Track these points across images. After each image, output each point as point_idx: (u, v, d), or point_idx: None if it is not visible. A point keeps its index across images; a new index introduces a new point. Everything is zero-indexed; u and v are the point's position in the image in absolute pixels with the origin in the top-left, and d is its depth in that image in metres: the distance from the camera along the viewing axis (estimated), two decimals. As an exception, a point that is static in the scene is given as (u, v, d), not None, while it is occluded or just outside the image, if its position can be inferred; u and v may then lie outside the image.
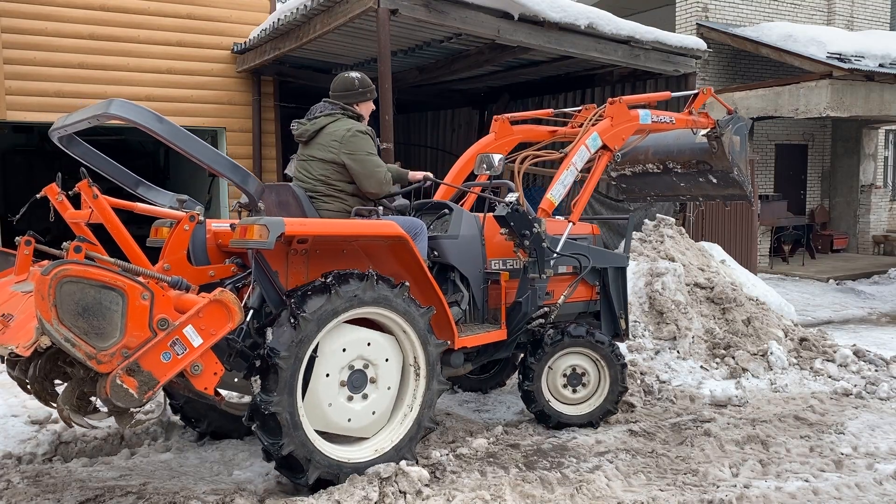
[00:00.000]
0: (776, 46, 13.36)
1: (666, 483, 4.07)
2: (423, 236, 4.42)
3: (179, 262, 3.95)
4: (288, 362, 3.52)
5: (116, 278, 3.05)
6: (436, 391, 4.12)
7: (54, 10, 10.13)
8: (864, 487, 4.03)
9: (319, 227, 3.89)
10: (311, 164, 4.35)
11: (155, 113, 3.55)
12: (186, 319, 3.16)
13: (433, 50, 10.22)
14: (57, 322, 2.89)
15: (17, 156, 15.71)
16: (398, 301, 3.90)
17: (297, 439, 3.58)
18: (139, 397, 3.05)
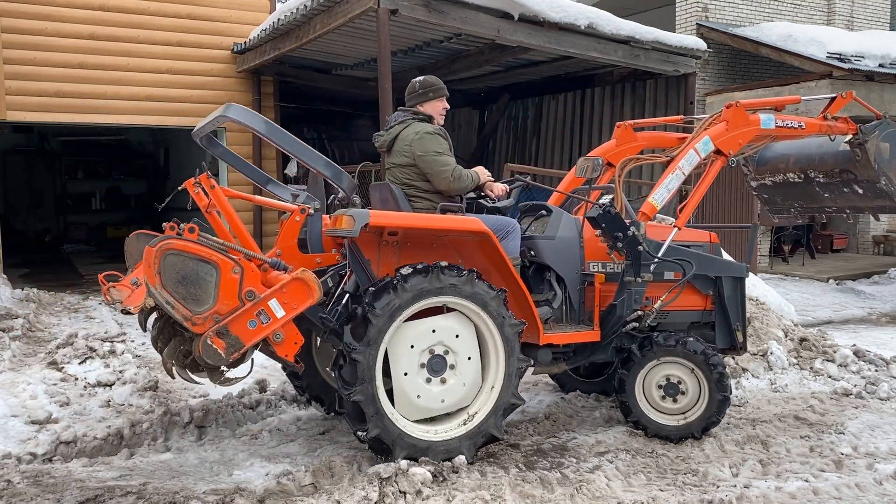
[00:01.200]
0: (776, 46, 13.36)
1: (666, 483, 4.07)
2: (515, 234, 4.52)
3: (290, 249, 4.43)
4: (364, 354, 3.83)
5: (212, 253, 3.54)
6: (516, 369, 4.22)
7: (54, 10, 10.13)
8: (864, 487, 4.03)
9: (402, 219, 4.15)
10: (394, 171, 4.62)
11: (262, 117, 4.09)
12: (271, 293, 3.59)
13: (433, 50, 10.22)
14: (160, 287, 3.41)
15: (17, 156, 15.72)
16: (466, 287, 4.04)
17: (381, 423, 3.89)
18: (226, 357, 3.51)
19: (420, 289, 3.93)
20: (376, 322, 3.84)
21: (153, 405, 5.19)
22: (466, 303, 4.08)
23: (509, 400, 4.23)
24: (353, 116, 15.44)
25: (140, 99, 10.69)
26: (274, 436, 4.82)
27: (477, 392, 4.24)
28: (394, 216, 4.16)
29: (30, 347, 6.86)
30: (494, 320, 4.15)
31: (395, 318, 3.91)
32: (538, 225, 4.94)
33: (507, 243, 4.41)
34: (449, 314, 4.17)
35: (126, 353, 6.34)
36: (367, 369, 3.84)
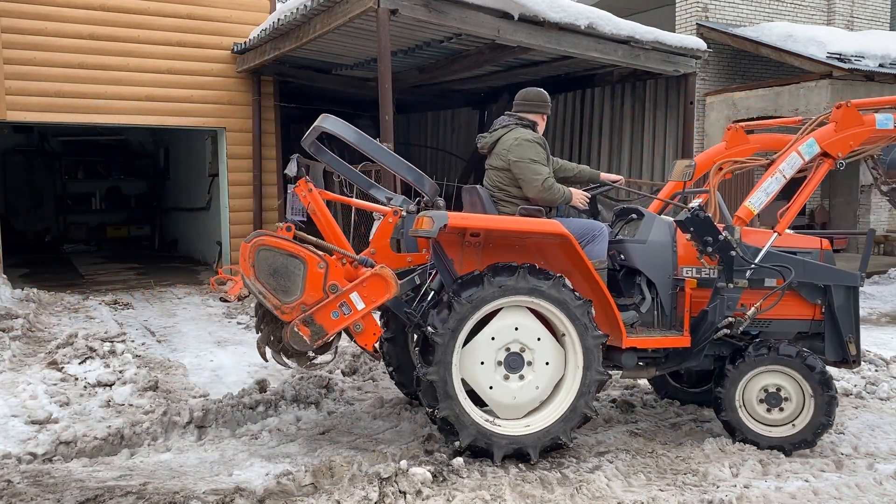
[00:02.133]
0: (776, 46, 13.36)
1: (666, 483, 4.07)
2: (602, 238, 4.53)
3: (384, 249, 4.67)
4: (444, 338, 4.01)
5: (300, 250, 3.88)
6: (594, 380, 4.23)
7: (54, 10, 10.13)
8: (864, 487, 4.03)
9: (480, 221, 4.28)
10: (490, 173, 4.73)
11: (353, 127, 4.39)
12: (352, 287, 3.92)
13: (433, 50, 10.22)
14: (254, 278, 3.79)
15: (17, 156, 15.72)
16: (551, 292, 4.11)
17: (452, 406, 4.05)
18: (311, 343, 3.88)
19: (505, 286, 4.06)
20: (459, 310, 4.02)
21: (153, 405, 5.19)
22: (551, 307, 4.15)
23: (582, 410, 4.25)
24: (353, 116, 15.41)
25: (140, 99, 10.69)
26: (274, 436, 4.82)
27: (550, 395, 4.28)
28: (472, 217, 4.31)
29: (30, 347, 6.86)
30: (577, 329, 4.18)
31: (478, 310, 4.06)
32: (630, 228, 4.89)
33: (594, 247, 4.45)
34: (532, 315, 4.22)
35: (126, 353, 6.34)
36: (446, 353, 4.02)
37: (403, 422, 5.08)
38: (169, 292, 10.37)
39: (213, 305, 9.43)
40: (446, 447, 4.27)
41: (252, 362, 6.68)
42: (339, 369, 6.09)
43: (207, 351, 7.07)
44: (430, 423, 5.00)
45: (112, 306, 9.11)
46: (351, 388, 5.76)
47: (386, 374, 6.12)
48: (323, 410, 5.28)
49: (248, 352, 7.08)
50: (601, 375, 4.26)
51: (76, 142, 16.05)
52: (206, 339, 7.58)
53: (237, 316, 8.70)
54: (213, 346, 7.27)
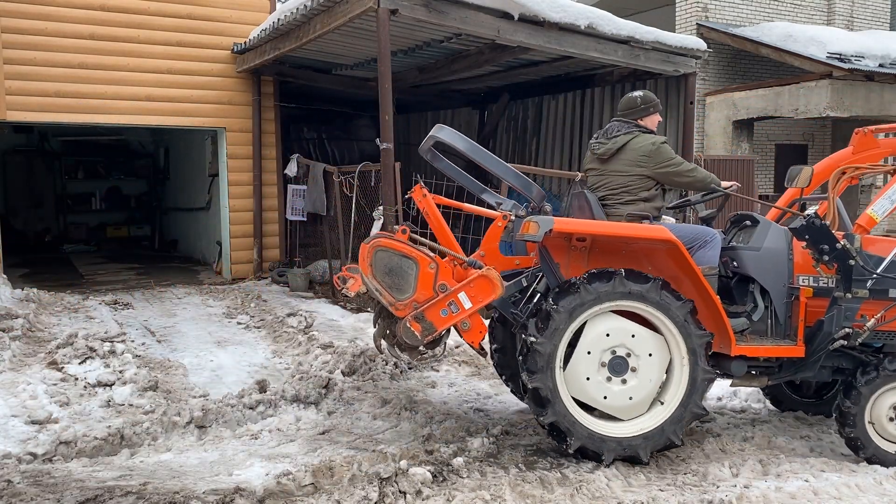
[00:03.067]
0: (776, 46, 13.37)
1: (666, 483, 4.08)
2: (713, 244, 4.52)
3: (493, 252, 4.77)
4: (545, 346, 4.10)
5: (413, 251, 4.11)
6: (701, 379, 4.24)
7: (54, 10, 10.12)
8: (864, 487, 4.03)
9: (585, 226, 4.35)
10: (613, 177, 4.72)
11: (465, 137, 4.56)
12: (460, 287, 4.12)
13: (433, 50, 10.21)
14: (371, 276, 4.05)
15: (17, 156, 15.71)
16: (651, 295, 4.15)
17: (559, 411, 4.12)
18: (421, 338, 4.10)
19: (602, 292, 4.12)
20: (557, 318, 4.10)
21: (153, 405, 5.19)
22: (652, 310, 4.19)
23: (692, 409, 4.26)
24: (353, 116, 15.43)
25: (140, 99, 10.69)
26: (274, 436, 4.82)
27: (657, 398, 4.31)
28: (577, 223, 4.38)
29: (30, 347, 6.85)
30: (680, 330, 4.20)
31: (576, 317, 4.13)
32: (743, 235, 4.83)
33: (705, 253, 4.45)
34: (619, 316, 4.24)
35: (126, 353, 6.34)
36: (547, 360, 4.10)
37: (403, 422, 5.08)
38: (169, 292, 10.38)
39: (213, 305, 9.44)
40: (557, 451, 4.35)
41: (252, 362, 6.68)
42: (339, 369, 6.08)
43: (207, 351, 7.07)
44: (429, 422, 5.01)
45: (112, 306, 9.11)
46: (351, 388, 5.76)
47: (386, 374, 6.13)
48: (323, 410, 5.28)
49: (248, 352, 7.08)
50: (708, 374, 4.27)
51: (76, 142, 16.04)
52: (206, 339, 7.58)
53: (237, 316, 8.70)
54: (213, 346, 7.27)
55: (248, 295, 9.87)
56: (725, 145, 14.44)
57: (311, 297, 9.94)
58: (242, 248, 11.68)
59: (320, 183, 10.22)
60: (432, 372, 6.40)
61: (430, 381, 6.10)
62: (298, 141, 14.79)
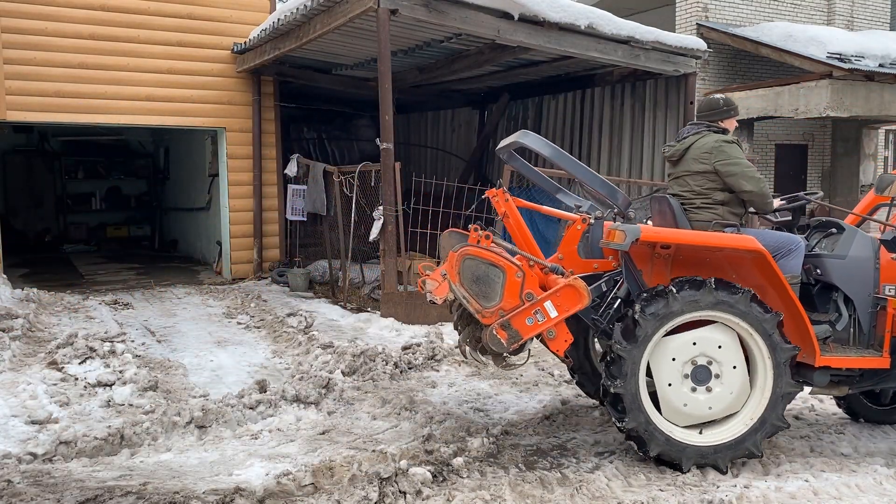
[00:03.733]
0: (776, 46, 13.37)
1: (666, 483, 4.08)
2: (798, 253, 4.46)
3: (571, 255, 4.77)
4: (630, 353, 4.10)
5: (500, 259, 4.11)
6: (784, 393, 4.24)
7: (54, 10, 10.12)
8: (864, 487, 4.03)
9: (673, 235, 4.33)
10: (685, 179, 4.68)
11: (550, 143, 4.51)
12: (547, 296, 4.10)
13: (433, 50, 10.21)
14: (459, 284, 4.07)
15: (17, 156, 15.70)
16: (741, 306, 4.14)
17: (639, 417, 4.12)
18: (507, 346, 4.09)
19: (691, 301, 4.12)
20: (645, 325, 4.10)
21: (153, 405, 5.19)
22: (738, 321, 4.17)
23: (773, 422, 4.25)
24: (353, 116, 15.43)
25: (140, 99, 10.69)
26: (274, 436, 4.82)
27: (739, 409, 4.28)
28: (665, 232, 4.36)
29: (30, 347, 6.85)
30: (766, 343, 4.18)
31: (664, 325, 4.13)
32: (827, 243, 4.76)
33: (788, 261, 4.41)
34: (716, 327, 4.23)
35: (126, 353, 6.34)
36: (632, 366, 4.11)
37: (403, 422, 5.08)
38: (169, 292, 10.37)
39: (213, 305, 9.44)
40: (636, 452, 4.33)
41: (252, 362, 6.68)
42: (339, 369, 6.08)
43: (207, 351, 7.07)
44: (429, 422, 5.01)
45: (112, 306, 9.11)
46: (351, 388, 5.76)
47: (386, 374, 6.13)
48: (323, 410, 5.28)
49: (248, 352, 7.08)
50: (792, 388, 4.26)
51: (76, 142, 16.04)
52: (206, 339, 7.58)
53: (237, 316, 8.70)
54: (213, 346, 7.27)
55: (248, 295, 9.87)
56: (725, 145, 14.41)
57: (311, 297, 9.94)
58: (242, 248, 11.68)
59: (320, 183, 10.22)
60: (432, 372, 6.40)
61: (430, 381, 6.10)
62: (298, 141, 14.79)
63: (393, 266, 8.30)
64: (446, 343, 7.09)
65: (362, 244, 9.51)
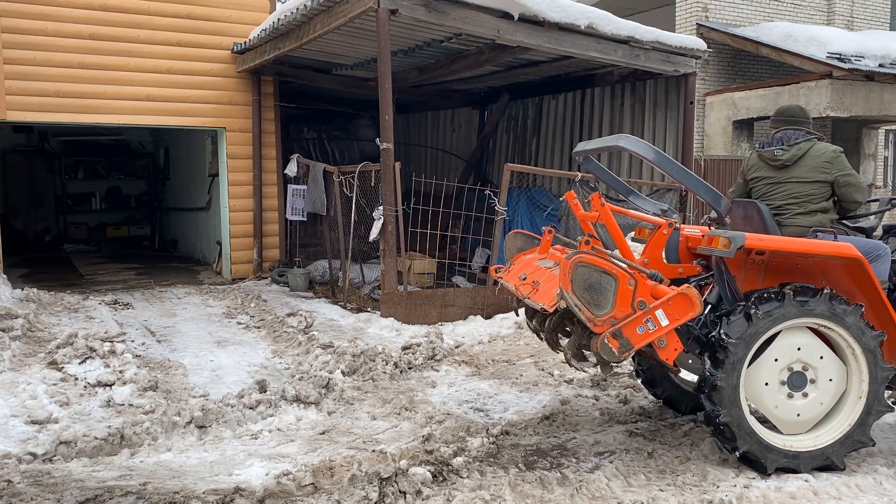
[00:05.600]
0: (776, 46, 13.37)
1: (666, 483, 4.08)
2: (885, 258, 4.51)
3: (656, 259, 4.75)
4: (738, 347, 4.09)
5: (613, 267, 4.03)
6: (875, 411, 4.27)
7: (54, 10, 10.12)
8: (864, 487, 4.03)
9: (777, 243, 4.31)
10: (792, 185, 4.71)
11: (653, 147, 4.38)
12: (659, 304, 4.02)
13: (433, 50, 10.22)
14: (571, 292, 3.97)
15: (17, 156, 15.71)
16: (850, 319, 4.17)
17: (734, 413, 4.12)
18: (619, 355, 4.01)
19: (773, 315, 4.13)
20: (734, 350, 4.10)
21: (153, 405, 5.19)
22: (823, 321, 4.19)
23: (858, 437, 4.27)
24: (353, 116, 15.43)
25: (140, 99, 10.69)
26: (274, 436, 4.82)
27: (839, 406, 4.31)
28: (770, 239, 4.34)
29: (30, 347, 6.86)
30: (852, 333, 4.20)
31: (752, 345, 4.14)
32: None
33: (878, 266, 4.43)
34: (813, 334, 4.25)
35: (126, 353, 6.34)
36: (731, 393, 4.11)
37: (403, 422, 5.08)
38: (169, 292, 10.38)
39: (213, 305, 9.44)
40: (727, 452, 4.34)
41: (252, 362, 6.68)
42: (339, 369, 6.09)
43: (207, 351, 7.07)
44: (429, 422, 5.00)
45: (112, 306, 9.11)
46: (351, 388, 5.76)
47: (386, 374, 6.13)
48: (323, 410, 5.28)
49: (248, 352, 7.09)
50: (882, 408, 4.28)
51: (76, 142, 16.05)
52: (206, 339, 7.59)
53: (237, 316, 8.70)
54: (213, 346, 7.27)
55: (248, 295, 9.87)
56: (725, 145, 14.44)
57: (311, 297, 9.95)
58: (242, 248, 11.68)
59: (320, 183, 10.22)
60: (432, 372, 6.41)
61: (430, 381, 6.10)
62: (298, 141, 14.79)
63: (393, 266, 8.30)
64: (446, 343, 7.09)
65: (362, 244, 9.51)
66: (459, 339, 7.39)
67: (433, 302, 8.31)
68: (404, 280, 8.48)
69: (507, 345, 7.40)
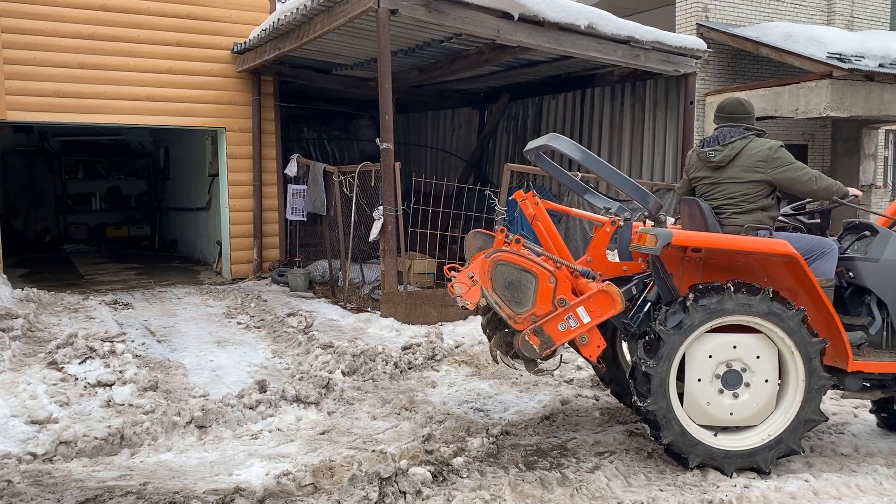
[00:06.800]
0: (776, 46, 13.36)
1: (666, 483, 4.08)
2: (831, 256, 4.41)
3: (600, 257, 4.74)
4: (671, 337, 4.09)
5: (532, 265, 4.11)
6: (818, 387, 4.19)
7: (54, 10, 10.12)
8: (864, 487, 4.03)
9: (705, 239, 4.27)
10: (728, 185, 4.57)
11: (579, 146, 4.44)
12: (579, 301, 4.10)
13: (433, 50, 10.22)
14: (491, 290, 4.06)
15: (17, 156, 15.71)
16: (791, 322, 4.12)
17: (661, 402, 4.12)
18: (540, 352, 4.09)
19: (711, 308, 4.09)
20: (668, 340, 4.09)
21: (153, 405, 5.19)
22: (762, 321, 4.14)
23: (809, 416, 4.22)
24: (353, 116, 15.43)
25: (140, 99, 10.69)
26: (274, 436, 4.82)
27: (773, 410, 4.26)
28: (696, 236, 4.30)
29: (30, 347, 6.85)
30: (792, 338, 4.15)
31: (687, 336, 4.11)
32: (860, 245, 4.68)
33: (822, 264, 4.37)
34: (751, 334, 4.20)
35: (126, 353, 6.34)
36: (660, 382, 4.11)
37: (403, 422, 5.08)
38: (169, 292, 10.38)
39: (213, 305, 9.44)
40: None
41: (252, 362, 6.68)
42: (339, 369, 6.08)
43: (207, 351, 7.07)
44: (429, 422, 5.00)
45: (112, 306, 9.11)
46: (351, 388, 5.76)
47: (386, 374, 6.13)
48: (323, 410, 5.28)
49: (248, 352, 7.08)
50: (824, 381, 4.21)
51: (76, 142, 16.04)
52: (206, 339, 7.58)
53: (237, 316, 8.70)
54: (213, 346, 7.27)
55: (248, 295, 9.87)
56: (725, 145, 14.42)
57: (311, 297, 9.94)
58: (242, 248, 11.68)
59: (320, 183, 10.21)
60: (432, 372, 6.40)
61: (430, 381, 6.10)
62: (298, 141, 14.79)
63: (393, 266, 8.30)
64: (446, 343, 7.08)
65: (362, 244, 9.51)
66: (459, 339, 7.39)
67: (433, 302, 8.31)
68: (404, 280, 8.48)
69: (507, 345, 7.40)
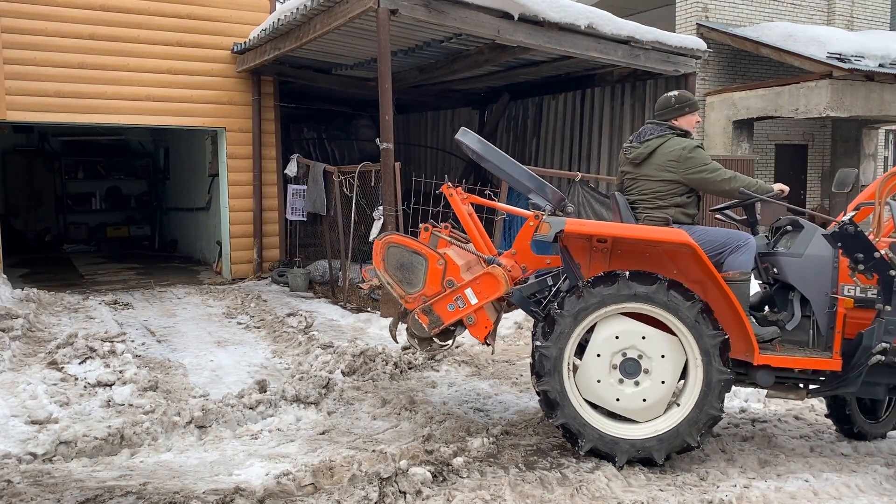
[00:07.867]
0: (776, 46, 13.37)
1: (666, 483, 4.08)
2: (746, 249, 4.37)
3: (524, 250, 4.87)
4: (564, 320, 4.17)
5: (422, 248, 4.35)
6: (716, 380, 4.15)
7: (54, 10, 10.12)
8: (864, 487, 4.03)
9: (596, 227, 4.41)
10: (643, 183, 4.62)
11: (478, 136, 4.66)
12: (466, 283, 4.32)
13: (433, 50, 10.22)
14: (384, 271, 4.35)
15: (17, 156, 15.71)
16: (658, 296, 4.13)
17: (553, 383, 4.21)
18: (429, 330, 4.36)
19: (606, 295, 4.14)
20: (562, 322, 4.18)
21: (153, 405, 5.19)
22: (660, 311, 4.15)
23: (708, 411, 4.17)
24: (353, 116, 15.43)
25: (140, 99, 10.69)
26: (274, 436, 4.82)
27: (659, 414, 4.24)
28: (590, 224, 4.48)
29: (30, 347, 6.85)
30: (691, 331, 4.14)
31: (581, 321, 4.19)
32: (785, 240, 4.62)
33: (737, 257, 4.34)
34: (670, 334, 4.18)
35: (126, 353, 6.34)
36: (555, 363, 4.19)
37: (403, 422, 5.08)
38: (169, 292, 10.38)
39: (213, 305, 9.44)
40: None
41: (252, 362, 6.68)
42: (339, 369, 6.08)
43: (207, 351, 7.07)
44: (429, 422, 5.01)
45: (112, 306, 9.11)
46: (351, 388, 5.76)
47: (386, 374, 6.13)
48: (323, 410, 5.28)
49: (248, 352, 7.08)
50: (723, 374, 4.15)
51: (76, 142, 16.04)
52: (206, 339, 7.58)
53: (237, 316, 8.70)
54: (213, 346, 7.27)
55: (248, 295, 9.87)
56: (725, 145, 14.44)
57: (311, 297, 9.94)
58: (242, 248, 11.69)
59: (320, 183, 10.22)
60: (432, 372, 6.41)
61: (430, 381, 6.10)
62: (298, 141, 14.79)
63: (393, 266, 8.30)
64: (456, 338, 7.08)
65: (362, 244, 9.51)
66: (459, 339, 7.39)
67: (433, 302, 8.30)
68: (404, 280, 8.47)
69: (507, 345, 7.40)
